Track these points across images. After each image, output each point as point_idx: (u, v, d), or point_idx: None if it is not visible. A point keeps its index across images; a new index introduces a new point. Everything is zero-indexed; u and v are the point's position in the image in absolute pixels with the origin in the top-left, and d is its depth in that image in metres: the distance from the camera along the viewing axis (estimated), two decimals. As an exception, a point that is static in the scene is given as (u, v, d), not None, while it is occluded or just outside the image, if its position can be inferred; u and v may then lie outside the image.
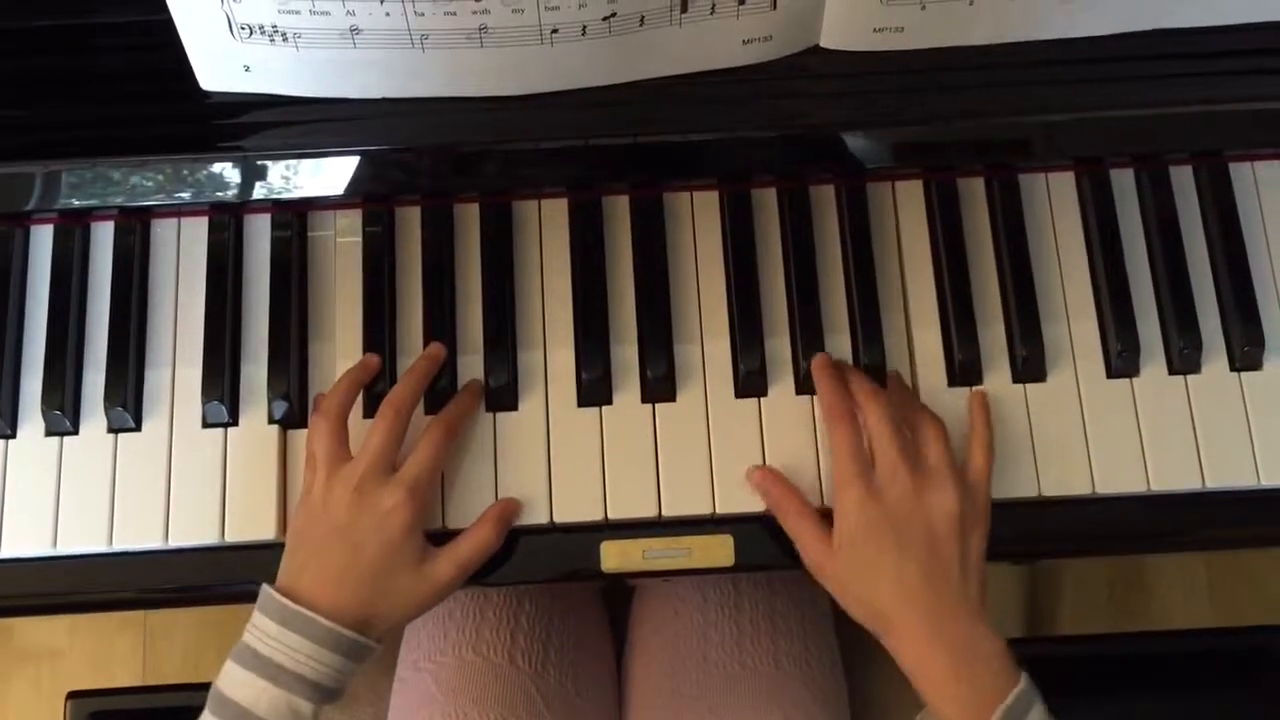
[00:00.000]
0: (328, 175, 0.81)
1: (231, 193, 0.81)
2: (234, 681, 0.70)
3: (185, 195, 0.82)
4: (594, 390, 0.80)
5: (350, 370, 0.79)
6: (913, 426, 0.76)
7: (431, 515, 0.78)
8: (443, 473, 0.78)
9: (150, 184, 0.81)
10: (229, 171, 0.81)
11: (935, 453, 0.74)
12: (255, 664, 0.70)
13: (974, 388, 0.80)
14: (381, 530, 0.73)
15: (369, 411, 0.80)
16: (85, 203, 0.82)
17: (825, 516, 0.75)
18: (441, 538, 0.77)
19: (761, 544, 0.78)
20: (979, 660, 0.70)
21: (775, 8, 0.72)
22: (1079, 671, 1.07)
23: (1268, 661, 1.06)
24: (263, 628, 0.71)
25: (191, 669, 1.58)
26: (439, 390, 0.80)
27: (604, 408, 0.80)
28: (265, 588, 0.73)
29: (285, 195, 0.82)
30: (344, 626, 0.71)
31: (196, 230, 0.84)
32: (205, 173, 0.81)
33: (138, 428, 0.81)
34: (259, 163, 0.80)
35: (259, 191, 0.82)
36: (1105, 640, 1.15)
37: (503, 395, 0.80)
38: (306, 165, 0.81)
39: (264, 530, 0.78)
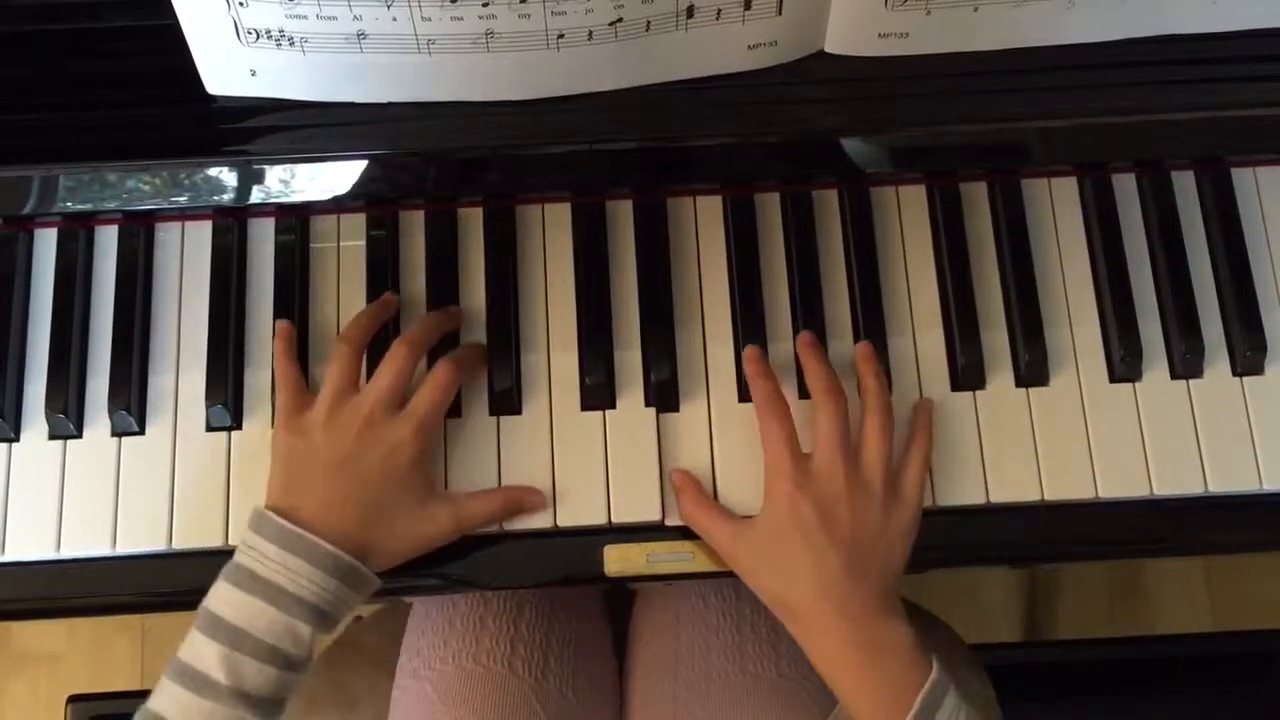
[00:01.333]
0: (332, 179, 0.81)
1: (236, 196, 0.81)
2: (227, 602, 0.70)
3: (189, 199, 0.81)
4: (597, 394, 0.80)
5: (371, 305, 0.80)
6: (862, 425, 0.76)
7: (435, 456, 0.78)
8: (446, 474, 0.79)
9: (154, 188, 0.81)
10: (234, 176, 0.81)
11: (872, 455, 0.75)
12: (253, 585, 0.70)
13: (923, 396, 0.80)
14: (388, 462, 0.74)
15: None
16: (89, 206, 0.82)
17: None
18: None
19: (764, 548, 0.78)
20: (893, 652, 0.71)
21: (780, 13, 0.73)
22: (1079, 676, 1.07)
23: (1267, 665, 1.06)
24: (260, 549, 0.71)
25: (190, 673, 1.57)
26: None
27: (607, 412, 0.80)
28: (259, 509, 0.73)
29: (289, 199, 0.82)
30: (343, 551, 0.71)
31: (200, 234, 0.84)
32: (210, 177, 0.81)
33: (141, 431, 0.81)
34: (264, 167, 0.80)
35: (263, 195, 0.82)
36: (1105, 645, 1.16)
37: (506, 399, 0.80)
38: (311, 169, 0.80)
39: (268, 534, 0.78)
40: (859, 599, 0.72)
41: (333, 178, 0.81)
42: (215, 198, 0.82)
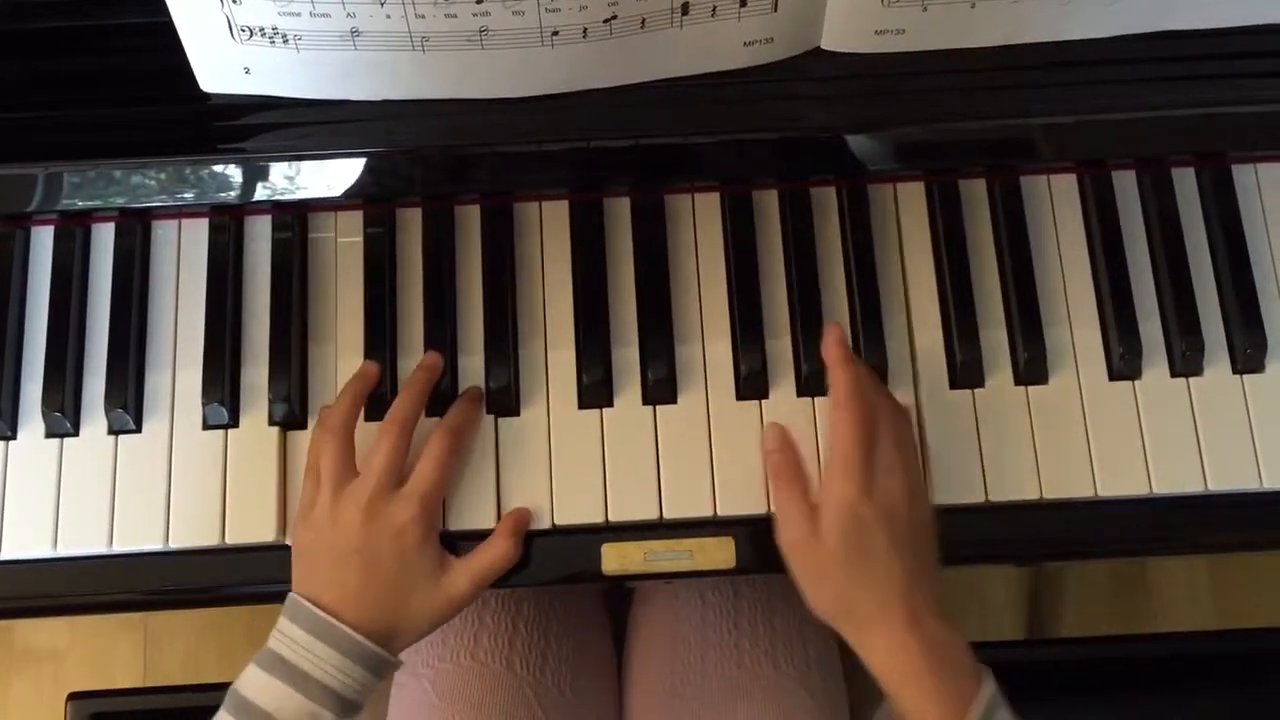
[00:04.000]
0: (328, 177, 0.81)
1: (232, 194, 0.81)
2: (256, 686, 0.70)
3: (186, 196, 0.81)
4: (595, 392, 0.80)
5: (351, 382, 0.79)
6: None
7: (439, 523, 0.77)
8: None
9: (151, 185, 0.81)
10: (229, 173, 0.81)
11: (909, 453, 0.74)
12: (281, 671, 0.70)
13: (919, 395, 0.80)
14: (396, 546, 0.73)
15: (369, 415, 0.79)
16: (86, 204, 0.82)
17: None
18: (445, 539, 0.77)
19: (762, 547, 0.77)
20: (952, 658, 0.70)
21: (776, 10, 0.72)
22: (1081, 674, 1.06)
23: (1271, 664, 1.06)
24: (291, 635, 0.71)
25: (192, 670, 1.58)
26: (440, 392, 0.80)
27: (605, 410, 0.80)
28: (295, 596, 0.73)
29: (286, 197, 0.82)
30: (368, 640, 0.71)
31: (197, 231, 0.84)
32: (206, 174, 0.81)
33: (138, 429, 0.81)
34: (260, 164, 0.80)
35: (259, 193, 0.82)
36: (1107, 642, 1.15)
37: (503, 397, 0.80)
38: (307, 167, 0.80)
39: (264, 532, 0.78)
40: (922, 601, 0.71)
41: (329, 175, 0.81)
42: (211, 195, 0.82)
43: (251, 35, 0.71)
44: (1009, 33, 0.75)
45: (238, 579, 0.79)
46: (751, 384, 0.80)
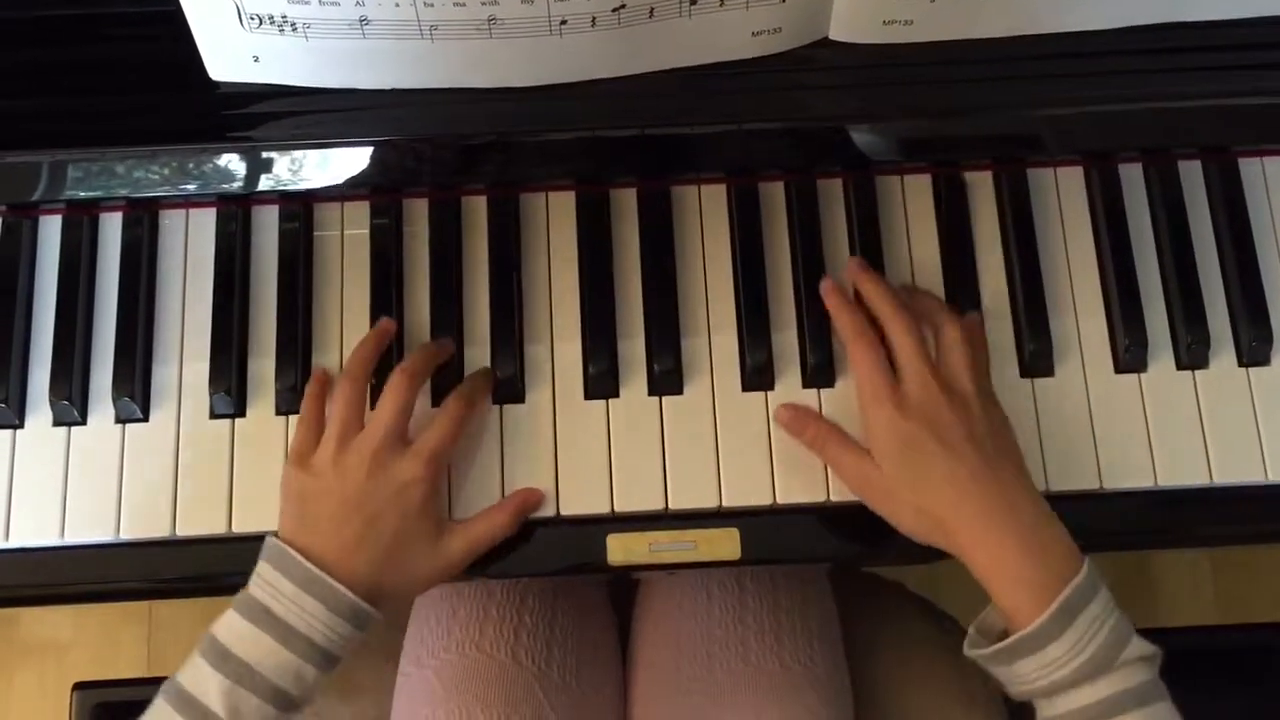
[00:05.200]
0: (336, 167, 0.81)
1: (239, 184, 0.81)
2: (239, 636, 0.70)
3: (193, 186, 0.81)
4: (601, 383, 0.80)
5: (369, 335, 0.79)
6: (935, 329, 0.77)
7: (443, 488, 0.78)
8: (449, 465, 0.78)
9: (158, 175, 0.81)
10: (237, 163, 0.81)
11: (956, 357, 0.75)
12: (266, 622, 0.70)
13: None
14: (399, 502, 0.73)
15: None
16: (93, 193, 0.82)
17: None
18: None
19: (767, 538, 0.78)
20: (1046, 544, 0.70)
21: (784, 0, 0.72)
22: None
23: (1273, 659, 1.06)
24: (277, 585, 0.71)
25: (197, 663, 1.58)
26: (448, 381, 0.80)
27: (611, 400, 0.80)
28: (280, 544, 0.72)
29: (293, 187, 0.82)
30: (357, 596, 0.71)
31: (204, 221, 0.84)
32: (213, 164, 0.81)
33: (145, 418, 0.81)
34: (267, 154, 0.80)
35: (267, 183, 0.82)
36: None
37: (509, 387, 0.80)
38: (315, 156, 0.80)
39: (271, 521, 0.78)
40: (999, 492, 0.71)
41: (336, 164, 0.81)
42: (219, 185, 0.82)
43: (260, 23, 0.71)
44: (1017, 23, 0.75)
45: (244, 568, 0.78)
46: (757, 375, 0.80)
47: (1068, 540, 0.71)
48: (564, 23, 0.71)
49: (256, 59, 0.73)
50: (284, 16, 0.70)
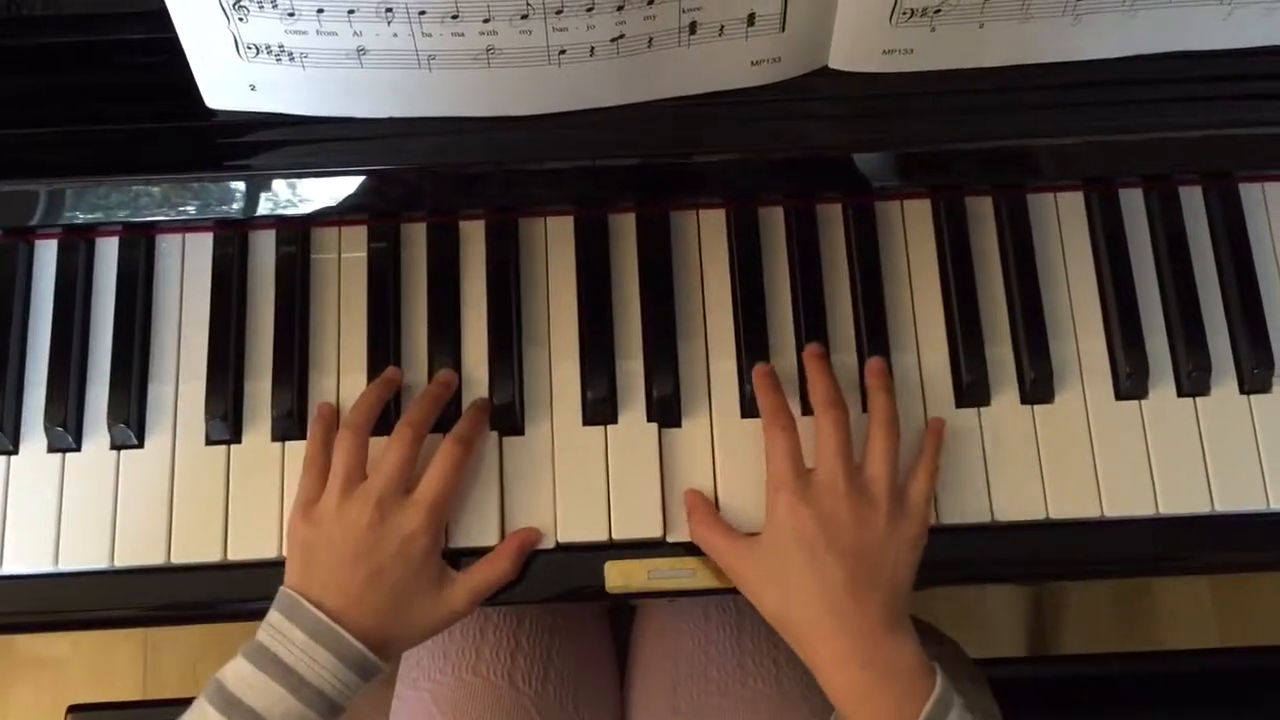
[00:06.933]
0: (333, 193, 0.81)
1: (237, 209, 0.81)
2: (247, 683, 0.70)
3: (190, 211, 0.81)
4: (599, 409, 0.80)
5: (374, 385, 0.79)
6: (867, 438, 0.75)
7: (443, 534, 0.77)
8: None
9: (155, 200, 0.81)
10: (234, 189, 0.81)
11: (877, 468, 0.74)
12: (275, 670, 0.70)
13: (934, 416, 0.79)
14: (403, 554, 0.73)
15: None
16: (90, 218, 0.81)
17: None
18: (447, 555, 0.76)
19: (766, 565, 0.77)
20: (898, 671, 0.70)
21: (784, 29, 0.72)
22: (1084, 691, 1.06)
23: (1274, 682, 1.06)
24: (288, 634, 0.71)
25: (192, 681, 1.58)
26: (444, 416, 0.79)
27: (609, 427, 0.80)
28: (293, 594, 0.72)
29: (290, 212, 0.82)
30: (365, 647, 0.71)
31: (201, 246, 0.84)
32: (210, 190, 0.80)
33: (140, 445, 0.80)
34: (264, 181, 0.80)
35: (264, 208, 0.81)
36: (1111, 660, 1.15)
37: (507, 413, 0.80)
38: (312, 183, 0.80)
39: (267, 548, 0.78)
40: (863, 615, 0.71)
41: (334, 191, 0.81)
42: (216, 210, 0.81)
43: (258, 53, 0.70)
44: (1017, 53, 0.75)
45: (240, 595, 0.79)
46: (756, 402, 0.80)
47: (919, 664, 0.70)
48: (563, 53, 0.70)
49: (253, 88, 0.73)
50: (281, 46, 0.69)
